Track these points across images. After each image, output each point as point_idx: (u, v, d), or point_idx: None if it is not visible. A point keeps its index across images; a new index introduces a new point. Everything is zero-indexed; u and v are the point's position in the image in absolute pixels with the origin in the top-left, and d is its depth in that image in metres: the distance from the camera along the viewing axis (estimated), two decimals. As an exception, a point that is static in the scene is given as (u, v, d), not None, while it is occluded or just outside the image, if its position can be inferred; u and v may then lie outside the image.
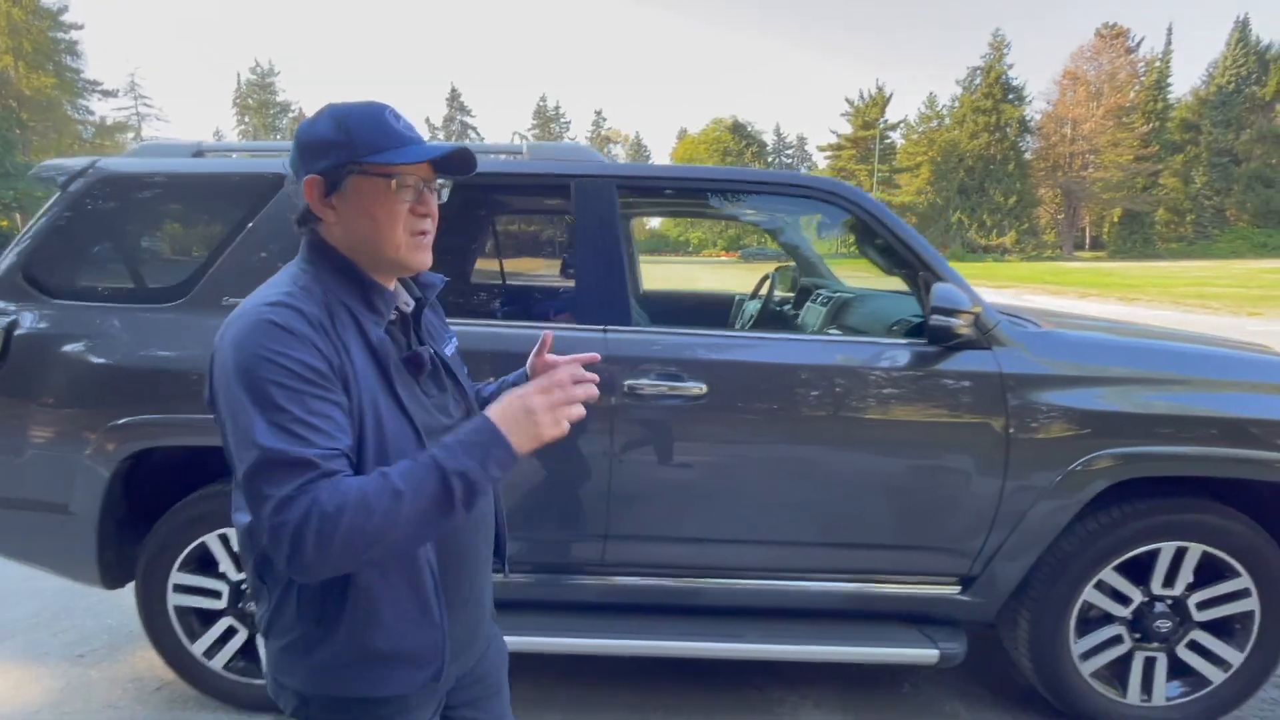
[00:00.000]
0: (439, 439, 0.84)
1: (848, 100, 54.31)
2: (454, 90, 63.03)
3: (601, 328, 1.84)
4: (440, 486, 0.76)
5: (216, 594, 1.98)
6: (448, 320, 1.11)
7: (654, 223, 71.19)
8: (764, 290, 3.36)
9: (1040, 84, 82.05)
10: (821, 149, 57.36)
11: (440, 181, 0.92)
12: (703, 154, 61.27)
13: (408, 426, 0.86)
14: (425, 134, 0.92)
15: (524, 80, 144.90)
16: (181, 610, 1.99)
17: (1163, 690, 1.93)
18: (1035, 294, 17.77)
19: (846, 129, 54.14)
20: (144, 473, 1.98)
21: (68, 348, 1.89)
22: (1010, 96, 47.34)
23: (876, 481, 1.86)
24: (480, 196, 2.09)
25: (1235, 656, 1.90)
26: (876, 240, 1.93)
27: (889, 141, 53.27)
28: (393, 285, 0.94)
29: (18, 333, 1.90)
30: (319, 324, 0.81)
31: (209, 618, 2.01)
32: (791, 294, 3.31)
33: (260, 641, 1.89)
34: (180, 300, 1.91)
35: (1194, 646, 1.93)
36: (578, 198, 1.89)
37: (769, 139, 67.43)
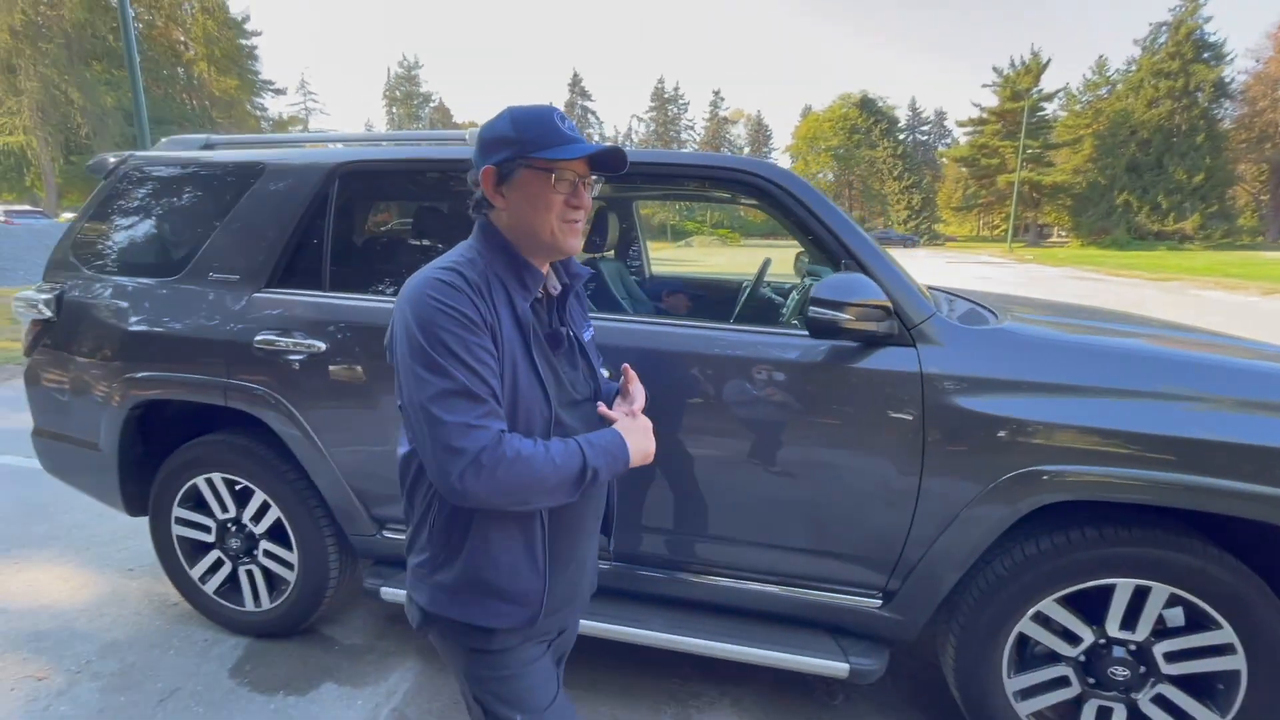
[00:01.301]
0: (567, 409, 1.06)
1: (995, 69, 48.97)
2: (575, 76, 64.70)
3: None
4: (579, 472, 0.96)
5: (207, 529, 2.30)
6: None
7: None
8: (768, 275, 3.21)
9: (1246, 39, 69.08)
10: (961, 124, 52.31)
11: (594, 177, 1.06)
12: (827, 132, 58.31)
13: (539, 389, 1.01)
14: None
15: (644, 63, 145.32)
16: (182, 540, 2.34)
17: (1118, 746, 1.68)
18: (1203, 289, 15.25)
19: (992, 101, 48.89)
20: (158, 421, 2.33)
21: (97, 313, 2.26)
22: (1205, 55, 40.17)
23: (780, 481, 1.75)
24: (429, 182, 2.20)
25: (1215, 721, 1.61)
26: (802, 226, 1.80)
27: (1043, 114, 47.38)
28: (545, 269, 1.08)
29: (66, 298, 2.31)
30: (476, 286, 0.97)
31: (203, 548, 2.34)
32: (800, 280, 3.14)
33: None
34: (180, 274, 2.22)
35: (1162, 702, 1.66)
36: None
37: (903, 114, 62.74)
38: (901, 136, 59.28)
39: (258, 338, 2.04)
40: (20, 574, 2.73)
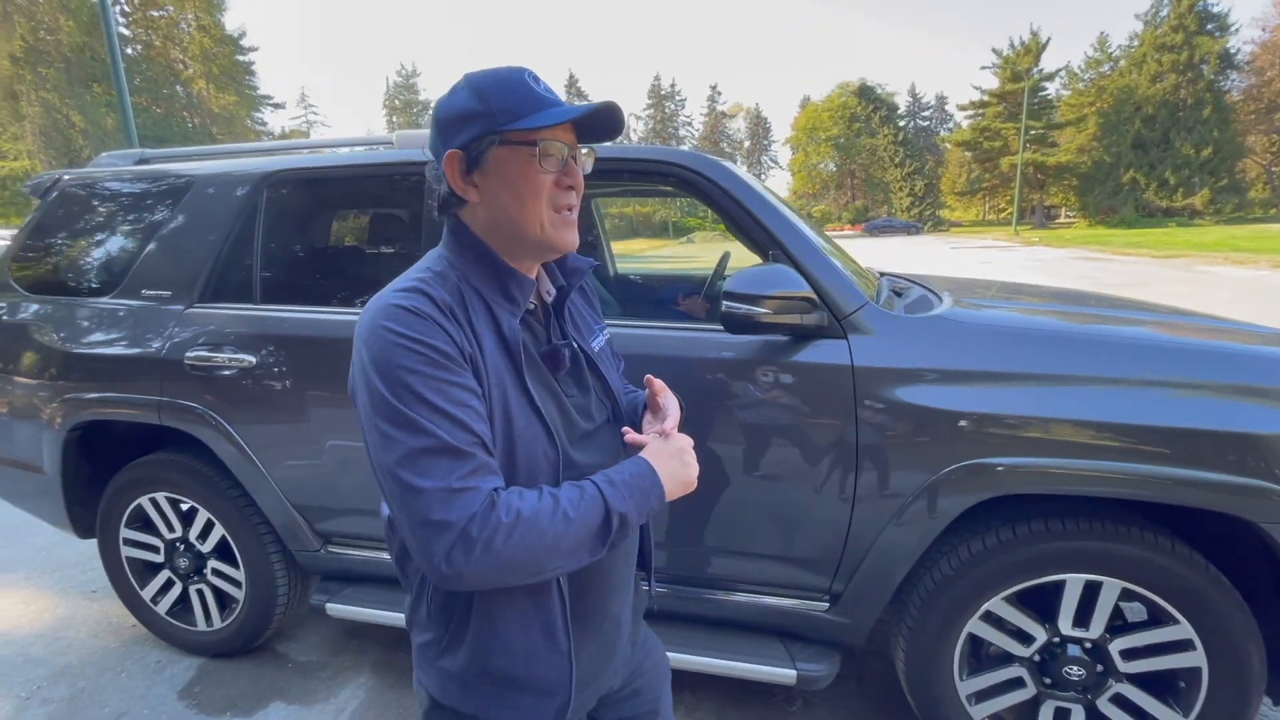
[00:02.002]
0: (580, 445, 0.85)
1: (995, 51, 48.35)
2: (571, 76, 64.64)
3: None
4: (603, 522, 0.75)
5: (156, 549, 2.27)
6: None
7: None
8: (726, 271, 3.13)
9: (1252, 8, 67.78)
10: (962, 107, 51.69)
11: (585, 150, 0.84)
12: (826, 122, 57.95)
13: (539, 427, 0.80)
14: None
15: (640, 60, 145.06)
16: (131, 561, 2.31)
17: (1079, 749, 1.60)
18: (1211, 264, 14.96)
19: (993, 83, 48.29)
20: (101, 441, 2.30)
21: (33, 333, 2.23)
22: (1209, 27, 39.44)
23: (720, 483, 1.69)
24: (358, 189, 2.15)
25: (1177, 721, 1.53)
26: (729, 216, 1.72)
27: (1045, 94, 46.73)
28: (534, 273, 0.88)
29: (2, 320, 2.28)
30: (448, 309, 0.76)
31: (153, 569, 2.31)
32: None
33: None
34: (113, 292, 2.18)
35: (1121, 702, 1.57)
36: (430, 185, 1.89)
37: (903, 100, 62.15)
38: (902, 123, 58.67)
39: (189, 354, 2.00)
40: (-17, 599, 2.72)
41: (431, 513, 0.69)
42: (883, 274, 2.53)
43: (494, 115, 0.77)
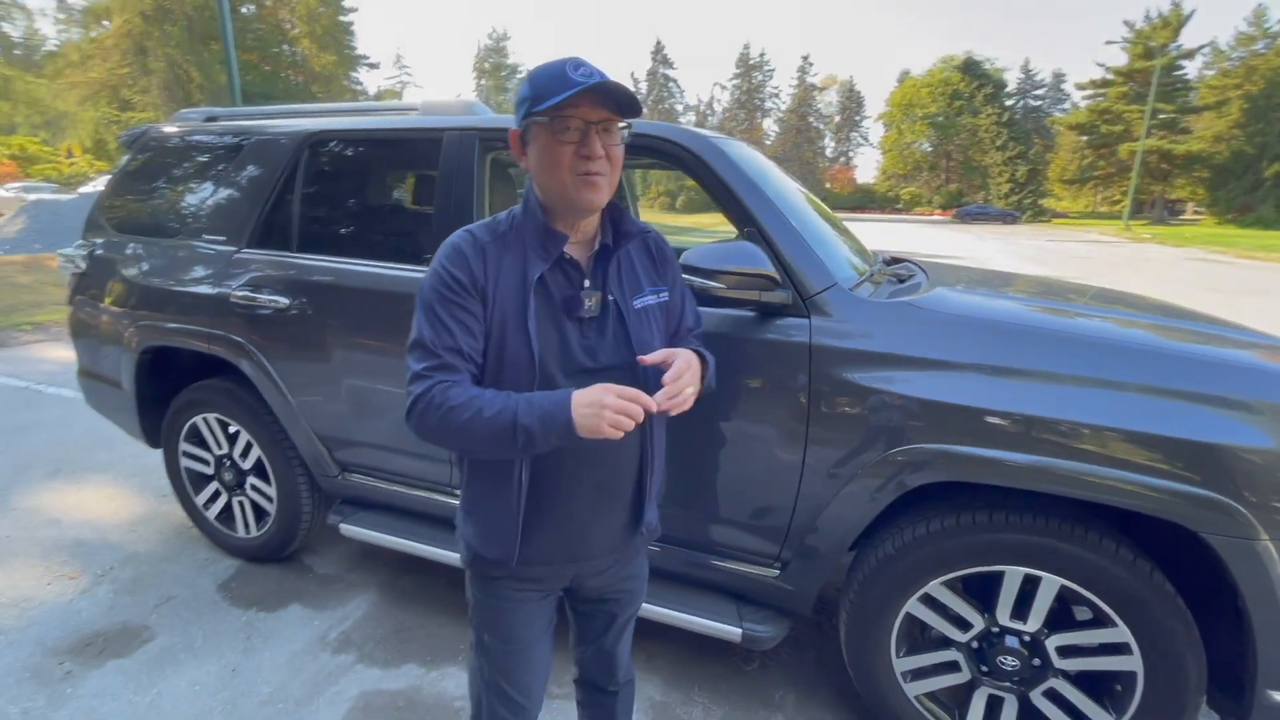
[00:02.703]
0: (575, 376, 1.01)
1: (1127, 23, 43.77)
2: (658, 44, 63.66)
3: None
4: (508, 428, 0.94)
5: (207, 463, 2.60)
6: None
7: (862, 178, 65.79)
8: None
9: None
10: (1080, 86, 47.33)
11: (623, 125, 0.99)
12: (925, 98, 54.46)
13: (525, 352, 1.00)
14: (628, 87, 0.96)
15: (730, 28, 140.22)
16: (189, 471, 2.65)
17: (1008, 737, 1.62)
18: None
19: (1120, 60, 43.80)
20: (168, 365, 2.64)
21: (117, 267, 2.57)
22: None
23: (690, 447, 1.77)
24: (384, 152, 2.33)
25: (1109, 723, 1.53)
26: (712, 191, 1.77)
27: (1181, 73, 42.00)
28: (578, 230, 1.05)
29: (95, 254, 2.64)
30: (481, 248, 1.02)
31: (205, 480, 2.65)
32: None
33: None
34: (180, 234, 2.48)
35: (1055, 698, 1.58)
36: (445, 149, 2.04)
37: (1015, 77, 57.53)
38: (1010, 102, 54.36)
39: (235, 293, 2.27)
40: (78, 493, 3.19)
41: (409, 384, 1.00)
42: (895, 259, 2.50)
43: (535, 99, 0.96)
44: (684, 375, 0.99)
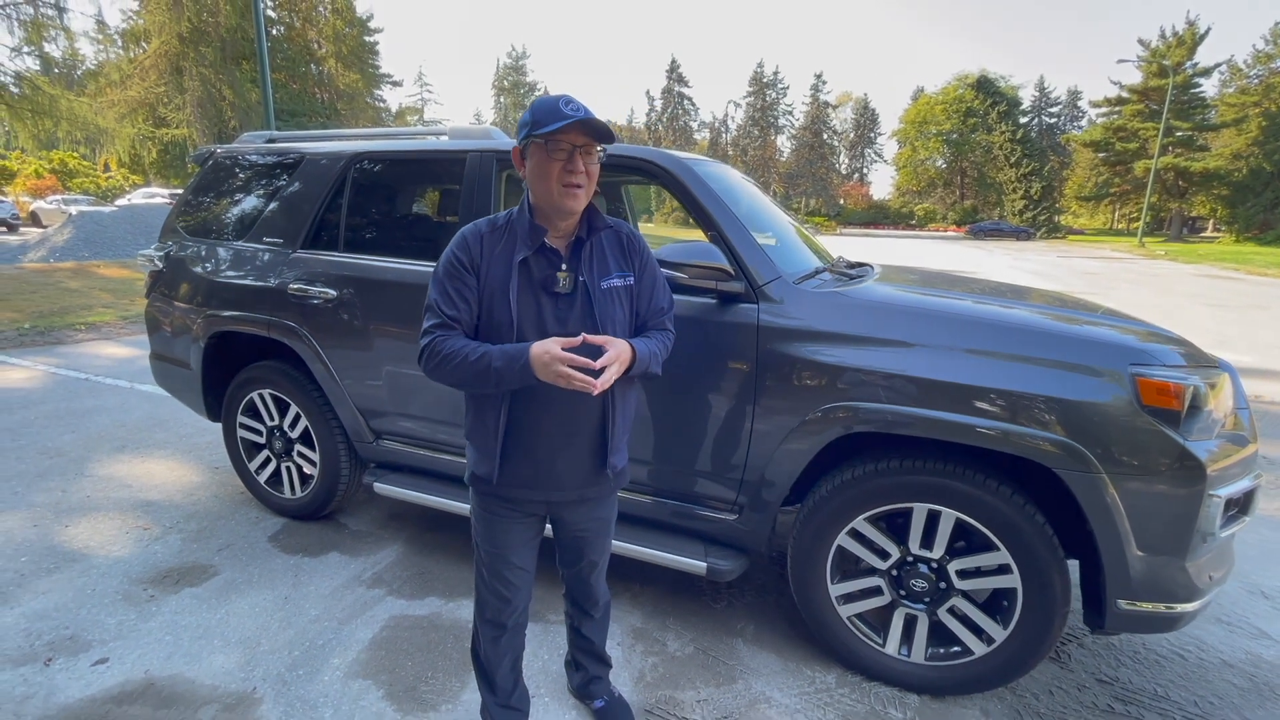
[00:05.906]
0: (546, 336, 1.32)
1: (1141, 42, 43.91)
2: (673, 62, 64.55)
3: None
4: (485, 369, 1.28)
5: (260, 433, 3.03)
6: None
7: (877, 194, 66.07)
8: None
9: None
10: (1095, 104, 47.39)
11: (600, 148, 1.32)
12: (939, 115, 54.79)
13: (507, 318, 1.32)
14: (643, 105, 1.51)
15: (743, 46, 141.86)
16: (244, 440, 3.09)
17: (922, 648, 1.97)
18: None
19: (1135, 78, 43.87)
20: (229, 349, 3.08)
21: (189, 265, 3.03)
22: None
23: (666, 409, 2.15)
24: (417, 170, 2.76)
25: (999, 632, 1.88)
26: (685, 205, 2.18)
27: (1197, 90, 41.99)
28: (558, 227, 1.36)
29: (171, 254, 3.10)
30: (481, 236, 1.36)
31: (257, 448, 3.08)
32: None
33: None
34: (245, 238, 2.93)
35: (955, 613, 1.94)
36: (468, 167, 2.47)
37: (1029, 95, 57.70)
38: (1025, 120, 54.52)
39: (291, 286, 2.71)
40: (143, 464, 3.64)
41: (420, 337, 1.35)
42: (857, 263, 2.88)
43: (534, 124, 1.28)
44: (611, 365, 1.27)
